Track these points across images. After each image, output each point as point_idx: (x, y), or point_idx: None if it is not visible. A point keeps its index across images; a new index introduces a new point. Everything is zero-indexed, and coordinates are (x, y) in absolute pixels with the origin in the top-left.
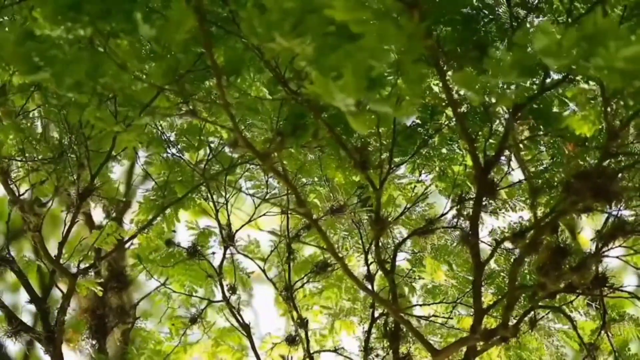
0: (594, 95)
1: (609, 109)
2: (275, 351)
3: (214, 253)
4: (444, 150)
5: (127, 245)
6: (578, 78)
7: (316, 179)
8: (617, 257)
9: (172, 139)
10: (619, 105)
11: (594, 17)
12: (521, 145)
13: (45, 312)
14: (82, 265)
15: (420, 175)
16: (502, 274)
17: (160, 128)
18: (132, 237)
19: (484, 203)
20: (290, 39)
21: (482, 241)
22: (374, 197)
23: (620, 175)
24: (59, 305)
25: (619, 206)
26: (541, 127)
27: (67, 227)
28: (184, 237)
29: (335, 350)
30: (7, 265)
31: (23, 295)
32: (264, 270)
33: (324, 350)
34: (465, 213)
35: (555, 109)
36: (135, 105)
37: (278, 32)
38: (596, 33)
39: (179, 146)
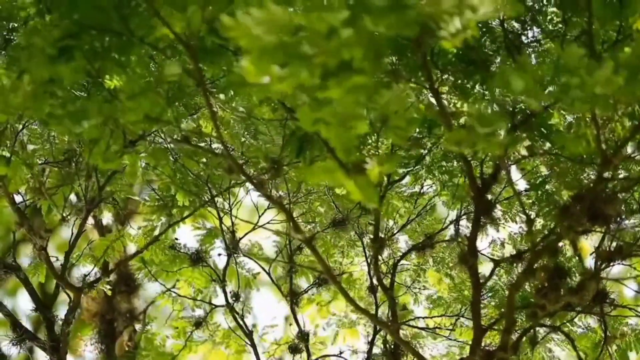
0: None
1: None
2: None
3: (219, 254)
4: (443, 163)
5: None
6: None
7: (320, 188)
8: (617, 279)
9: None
10: (616, 124)
11: (564, 49)
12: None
13: (50, 321)
14: (89, 272)
15: (422, 187)
16: (503, 287)
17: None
18: (144, 247)
19: (481, 222)
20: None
21: (481, 253)
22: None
23: (616, 197)
24: (64, 316)
25: (616, 228)
26: (538, 140)
27: (74, 236)
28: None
29: (338, 355)
30: (13, 273)
31: (22, 300)
32: (268, 273)
33: (326, 356)
34: (462, 233)
35: (552, 121)
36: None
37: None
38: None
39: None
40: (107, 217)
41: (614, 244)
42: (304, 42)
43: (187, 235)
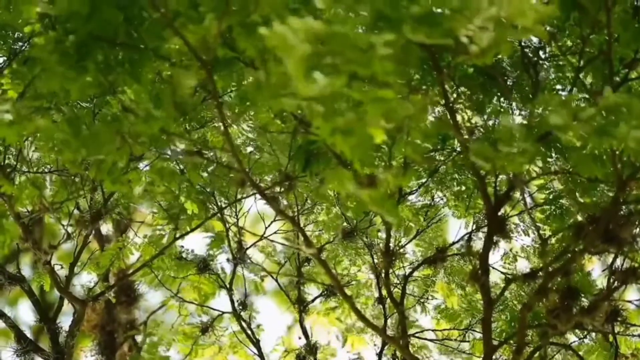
0: None
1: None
2: None
3: (228, 260)
4: (456, 176)
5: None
6: None
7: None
8: (629, 301)
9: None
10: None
11: (608, 93)
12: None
13: (54, 332)
14: (94, 284)
15: (432, 199)
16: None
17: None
18: (152, 258)
19: (494, 239)
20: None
21: (493, 267)
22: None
23: (631, 219)
24: (68, 329)
25: (629, 249)
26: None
27: (78, 248)
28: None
29: None
30: (18, 284)
31: (22, 310)
32: (276, 280)
33: None
34: (475, 250)
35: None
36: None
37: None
38: (609, 108)
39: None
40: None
41: (628, 265)
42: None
43: (194, 241)
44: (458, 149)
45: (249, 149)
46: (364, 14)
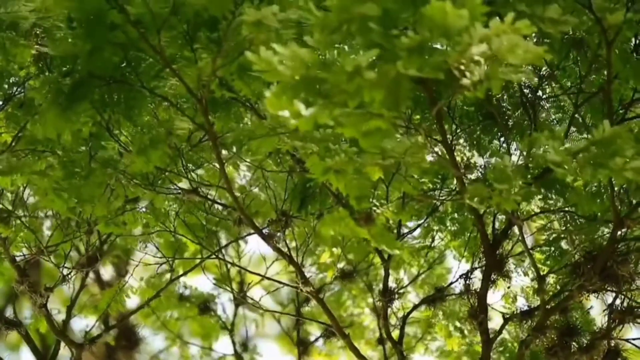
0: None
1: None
2: None
3: (231, 300)
4: (455, 215)
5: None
6: None
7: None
8: (627, 339)
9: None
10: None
11: (602, 127)
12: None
13: None
14: (90, 327)
15: (432, 240)
16: (513, 341)
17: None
18: (148, 300)
19: (492, 278)
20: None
21: (492, 307)
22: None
23: (629, 257)
24: None
25: (628, 287)
26: (552, 196)
27: (76, 292)
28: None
29: None
30: (14, 328)
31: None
32: (278, 321)
33: None
34: (473, 288)
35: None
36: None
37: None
38: (605, 141)
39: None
40: (107, 271)
41: (626, 303)
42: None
43: (196, 283)
44: (457, 189)
45: (249, 187)
46: (356, 44)
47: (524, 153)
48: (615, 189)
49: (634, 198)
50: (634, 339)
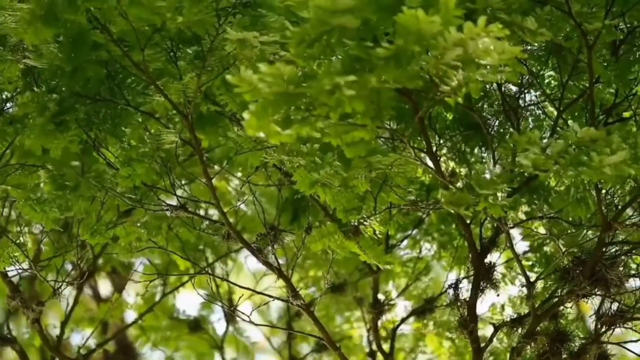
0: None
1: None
2: None
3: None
4: (442, 226)
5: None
6: None
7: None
8: (618, 343)
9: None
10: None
11: (575, 128)
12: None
13: None
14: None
15: (420, 251)
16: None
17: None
18: (140, 316)
19: (481, 287)
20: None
21: (481, 318)
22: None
23: (617, 261)
24: None
25: (617, 291)
26: (538, 202)
27: (70, 307)
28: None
29: None
30: (8, 345)
31: None
32: (268, 339)
33: None
34: (462, 298)
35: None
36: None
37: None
38: (580, 142)
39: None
40: (104, 285)
41: (615, 307)
42: (305, 95)
43: (187, 301)
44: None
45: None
46: (337, 58)
47: (507, 159)
48: (603, 191)
49: (619, 202)
50: (624, 342)
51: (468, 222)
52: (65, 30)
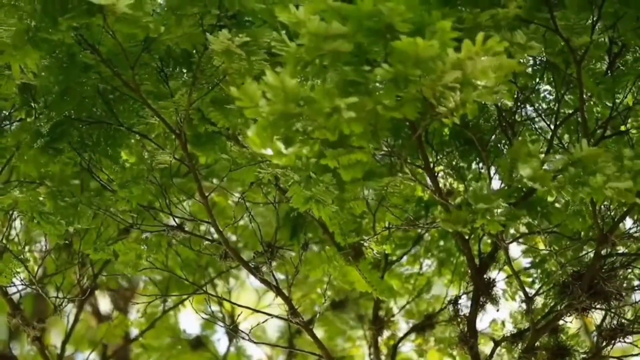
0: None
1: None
2: None
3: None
4: (441, 243)
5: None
6: None
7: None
8: (618, 357)
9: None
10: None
11: (580, 145)
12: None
13: None
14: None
15: (420, 267)
16: None
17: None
18: (141, 333)
19: (481, 302)
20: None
21: (482, 333)
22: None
23: (615, 274)
24: None
25: (617, 305)
26: (536, 217)
27: (70, 325)
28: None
29: None
30: None
31: None
32: (270, 358)
33: None
34: (462, 313)
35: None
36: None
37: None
38: (583, 159)
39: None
40: (105, 304)
41: (616, 321)
42: (304, 117)
43: (188, 319)
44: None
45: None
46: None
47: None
48: (597, 205)
49: (615, 214)
50: (625, 356)
51: (466, 237)
52: (53, 52)
